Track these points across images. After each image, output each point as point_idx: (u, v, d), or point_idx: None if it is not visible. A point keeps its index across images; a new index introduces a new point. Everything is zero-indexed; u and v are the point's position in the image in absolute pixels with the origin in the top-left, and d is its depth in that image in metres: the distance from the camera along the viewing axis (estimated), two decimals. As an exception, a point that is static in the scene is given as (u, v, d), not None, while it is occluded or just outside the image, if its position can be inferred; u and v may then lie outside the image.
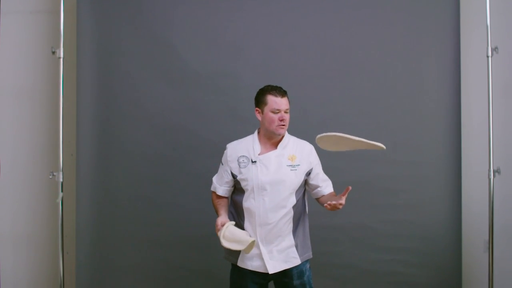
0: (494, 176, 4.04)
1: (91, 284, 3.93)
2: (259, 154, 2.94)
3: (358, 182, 3.96)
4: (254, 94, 3.87)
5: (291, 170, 2.91)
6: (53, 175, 3.84)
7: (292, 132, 3.10)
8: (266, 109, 2.91)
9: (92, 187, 3.93)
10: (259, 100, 2.97)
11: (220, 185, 3.05)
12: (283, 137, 2.99)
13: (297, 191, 2.94)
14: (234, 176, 2.98)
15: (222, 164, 3.07)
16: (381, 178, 3.95)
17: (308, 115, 3.93)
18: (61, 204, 3.84)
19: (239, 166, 2.95)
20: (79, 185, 3.93)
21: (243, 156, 2.97)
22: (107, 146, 3.95)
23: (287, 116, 2.93)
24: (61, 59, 3.84)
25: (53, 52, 3.84)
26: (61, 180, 3.84)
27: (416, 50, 4.02)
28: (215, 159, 3.85)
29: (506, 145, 4.26)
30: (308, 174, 2.98)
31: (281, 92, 2.93)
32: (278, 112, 2.89)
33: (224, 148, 3.82)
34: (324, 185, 3.02)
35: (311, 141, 3.04)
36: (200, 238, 3.92)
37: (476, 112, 4.23)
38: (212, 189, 3.13)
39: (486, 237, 4.12)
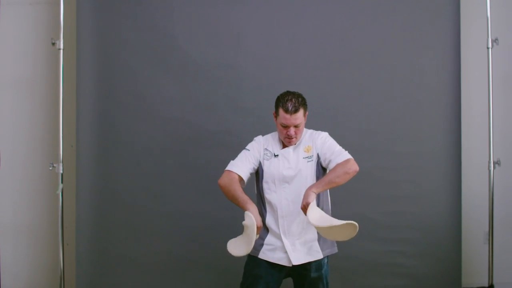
0: (494, 167, 4.06)
1: (91, 276, 3.93)
2: (280, 149, 2.96)
3: (358, 173, 3.95)
4: (254, 85, 3.91)
5: (308, 161, 2.91)
6: (53, 166, 3.84)
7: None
8: (278, 120, 2.90)
9: (92, 179, 3.92)
10: (275, 107, 2.92)
11: (245, 165, 2.92)
12: None
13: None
14: (260, 164, 2.97)
15: (249, 150, 2.97)
16: (381, 169, 3.95)
17: (308, 106, 3.90)
18: (61, 196, 3.85)
19: (264, 157, 2.96)
20: (79, 176, 3.91)
21: (267, 149, 2.98)
22: (107, 138, 3.94)
23: (297, 130, 2.87)
24: (61, 51, 3.84)
25: (53, 44, 3.84)
26: (61, 171, 3.84)
27: (417, 41, 4.02)
28: (215, 150, 3.87)
29: (506, 136, 4.27)
30: (319, 159, 2.93)
31: (293, 108, 2.81)
32: (286, 126, 2.86)
33: (224, 139, 3.85)
34: (333, 161, 2.87)
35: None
36: (201, 229, 3.92)
37: (476, 104, 4.24)
38: (231, 168, 2.91)
39: (486, 229, 4.14)
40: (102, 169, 3.94)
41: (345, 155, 2.89)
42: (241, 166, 2.93)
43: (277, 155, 2.94)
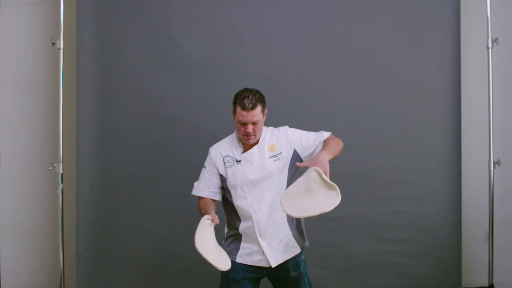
0: (494, 167, 4.05)
1: (91, 275, 3.93)
2: (242, 153, 2.89)
3: (358, 173, 3.98)
4: (255, 85, 3.85)
5: (275, 160, 2.85)
6: (53, 166, 3.84)
7: (292, 123, 3.05)
8: (235, 117, 2.82)
9: (92, 178, 3.93)
10: (233, 104, 2.85)
11: (208, 188, 2.92)
12: None
13: (287, 181, 2.88)
14: (221, 176, 2.91)
15: (206, 167, 2.94)
16: (381, 169, 3.95)
17: (309, 106, 3.94)
18: (61, 195, 3.86)
19: (225, 165, 2.88)
20: (79, 176, 3.92)
21: (228, 156, 2.90)
22: (107, 137, 3.94)
23: (255, 128, 2.78)
24: (61, 50, 3.85)
25: (53, 43, 3.85)
26: (61, 171, 3.85)
27: (417, 41, 4.01)
28: (215, 150, 3.87)
29: (506, 136, 4.27)
30: (297, 155, 2.88)
31: (250, 105, 2.74)
32: (244, 124, 2.78)
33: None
34: (321, 142, 2.85)
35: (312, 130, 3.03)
36: (200, 229, 3.92)
37: (476, 104, 4.23)
38: (195, 193, 2.95)
39: (486, 229, 4.14)
40: (102, 168, 3.95)
41: (325, 132, 2.90)
42: (204, 190, 2.92)
43: (240, 160, 2.87)
